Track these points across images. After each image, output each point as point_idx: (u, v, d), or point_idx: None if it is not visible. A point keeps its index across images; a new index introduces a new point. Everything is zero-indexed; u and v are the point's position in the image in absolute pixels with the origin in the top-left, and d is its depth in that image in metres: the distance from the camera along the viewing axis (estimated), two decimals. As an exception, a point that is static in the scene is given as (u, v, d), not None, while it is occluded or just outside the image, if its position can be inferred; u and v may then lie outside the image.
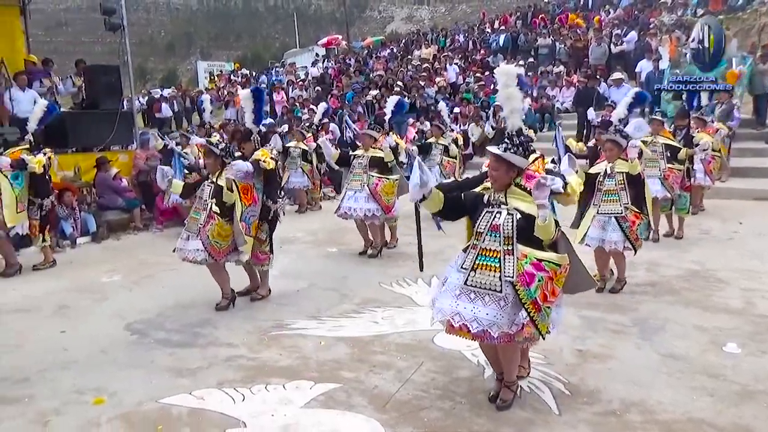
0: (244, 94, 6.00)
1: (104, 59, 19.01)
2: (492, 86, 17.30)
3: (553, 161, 4.59)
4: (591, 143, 7.21)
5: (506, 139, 3.41)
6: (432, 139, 10.00)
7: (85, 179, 9.68)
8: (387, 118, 7.88)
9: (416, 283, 6.19)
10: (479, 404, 3.64)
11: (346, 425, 3.47)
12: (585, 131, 13.41)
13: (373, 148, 7.29)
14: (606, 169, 5.69)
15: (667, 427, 3.37)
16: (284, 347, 4.61)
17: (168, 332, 5.02)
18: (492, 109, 14.97)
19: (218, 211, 5.26)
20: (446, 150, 9.79)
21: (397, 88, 17.04)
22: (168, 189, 5.63)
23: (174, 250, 5.48)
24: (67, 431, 3.48)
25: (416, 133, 14.62)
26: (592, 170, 5.83)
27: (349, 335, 4.81)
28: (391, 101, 8.06)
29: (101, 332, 5.05)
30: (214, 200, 5.29)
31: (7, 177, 6.72)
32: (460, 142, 10.37)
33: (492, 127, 13.74)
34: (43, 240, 7.14)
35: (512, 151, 3.38)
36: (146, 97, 20.81)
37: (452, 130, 10.92)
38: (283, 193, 6.27)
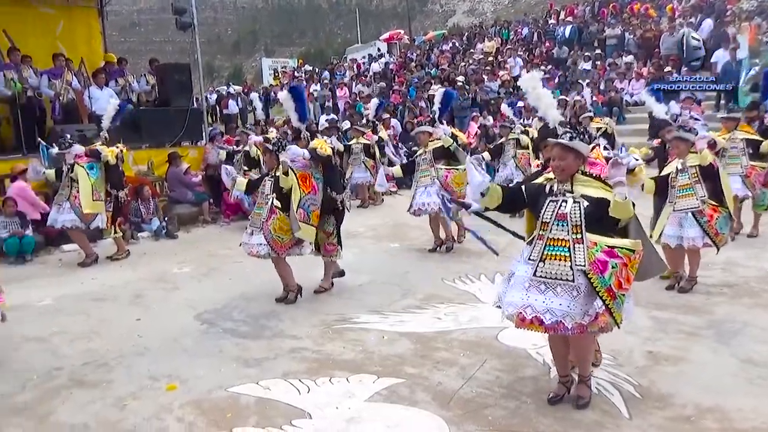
0: (283, 96, 6.06)
1: (174, 58, 19.77)
2: (556, 79, 16.93)
3: (605, 148, 4.47)
4: (655, 142, 6.95)
5: (569, 129, 3.37)
6: (502, 140, 9.91)
7: (157, 173, 10.08)
8: (436, 108, 7.70)
9: (479, 279, 6.13)
10: (545, 404, 3.56)
11: (410, 421, 3.47)
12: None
13: (431, 142, 7.23)
14: (677, 166, 5.51)
15: (747, 435, 3.21)
16: (347, 341, 4.66)
17: (235, 323, 5.17)
18: (557, 102, 14.62)
19: (279, 206, 5.38)
20: (518, 143, 9.63)
21: (459, 83, 16.91)
22: (232, 187, 5.83)
23: (241, 245, 5.64)
24: (143, 415, 3.63)
25: (479, 128, 14.46)
26: (664, 171, 5.67)
27: (412, 331, 4.81)
28: (438, 94, 7.91)
29: (173, 321, 5.25)
30: (274, 194, 5.41)
31: (83, 167, 7.10)
32: (532, 134, 10.16)
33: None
34: (115, 231, 7.47)
35: (579, 139, 3.35)
36: (215, 94, 21.45)
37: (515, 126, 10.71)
38: (348, 185, 6.38)
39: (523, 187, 3.62)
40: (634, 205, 3.31)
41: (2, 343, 4.79)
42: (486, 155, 9.21)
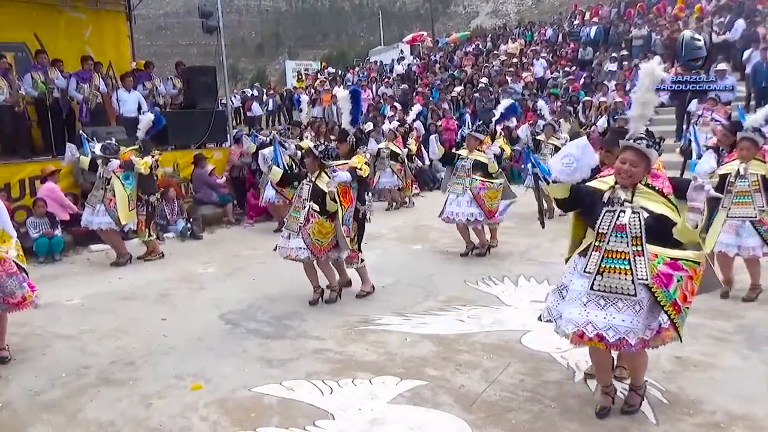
0: (342, 95, 6.00)
1: (199, 61, 19.96)
2: (581, 81, 16.76)
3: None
4: (711, 142, 6.71)
5: (645, 135, 3.26)
6: (542, 137, 9.65)
7: (183, 175, 10.21)
8: (495, 119, 7.55)
9: (502, 282, 6.10)
10: (570, 408, 3.53)
11: (433, 423, 3.46)
12: (684, 125, 12.73)
13: (478, 150, 7.07)
14: (738, 169, 5.17)
15: (778, 444, 3.14)
16: (370, 342, 4.67)
17: (259, 323, 5.20)
18: (582, 104, 14.51)
19: (317, 210, 5.37)
20: (556, 149, 9.44)
21: (482, 84, 16.84)
22: (266, 175, 5.76)
23: (275, 249, 5.62)
24: (168, 414, 3.67)
25: (502, 129, 14.35)
26: (722, 171, 5.31)
27: (435, 333, 4.80)
28: (504, 104, 7.67)
29: (198, 321, 5.31)
30: (312, 201, 5.39)
31: (119, 178, 7.19)
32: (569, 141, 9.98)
33: (581, 123, 13.28)
34: (149, 234, 7.59)
35: (656, 149, 3.22)
36: (240, 96, 21.69)
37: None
38: (371, 194, 6.31)
39: (579, 188, 3.38)
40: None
41: (33, 341, 4.90)
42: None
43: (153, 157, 7.48)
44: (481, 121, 8.55)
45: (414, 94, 18.03)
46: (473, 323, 4.99)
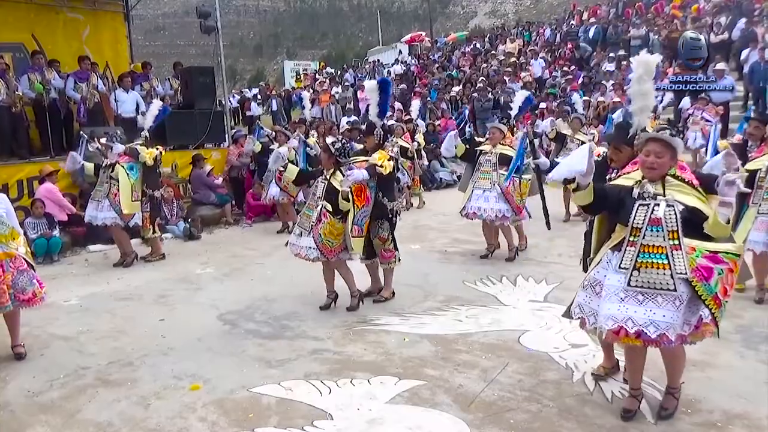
0: (369, 86, 5.69)
1: (197, 61, 19.94)
2: (579, 80, 16.77)
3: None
4: (735, 139, 6.53)
5: (666, 125, 3.25)
6: (568, 131, 9.12)
7: (181, 175, 10.20)
8: (513, 114, 7.30)
9: (500, 281, 6.10)
10: (568, 408, 3.53)
11: (431, 423, 3.46)
12: (681, 125, 12.76)
13: (502, 144, 6.82)
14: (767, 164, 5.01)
15: (776, 443, 3.15)
16: (368, 342, 4.66)
17: (257, 323, 5.20)
18: (581, 103, 14.48)
19: (330, 210, 5.24)
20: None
21: (480, 84, 16.86)
22: (271, 172, 5.57)
23: (287, 244, 5.51)
24: (167, 414, 3.67)
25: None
26: (751, 166, 5.07)
27: (433, 333, 4.80)
28: (520, 97, 7.37)
29: (196, 321, 5.30)
30: (325, 200, 5.27)
31: (124, 167, 7.16)
32: (596, 138, 9.43)
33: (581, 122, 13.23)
34: (153, 232, 7.57)
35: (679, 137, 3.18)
36: (238, 96, 21.68)
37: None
38: (400, 190, 6.09)
39: (604, 188, 3.34)
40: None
41: (31, 342, 4.89)
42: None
43: (158, 149, 7.45)
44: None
45: (412, 94, 18.03)
46: (471, 323, 4.99)
